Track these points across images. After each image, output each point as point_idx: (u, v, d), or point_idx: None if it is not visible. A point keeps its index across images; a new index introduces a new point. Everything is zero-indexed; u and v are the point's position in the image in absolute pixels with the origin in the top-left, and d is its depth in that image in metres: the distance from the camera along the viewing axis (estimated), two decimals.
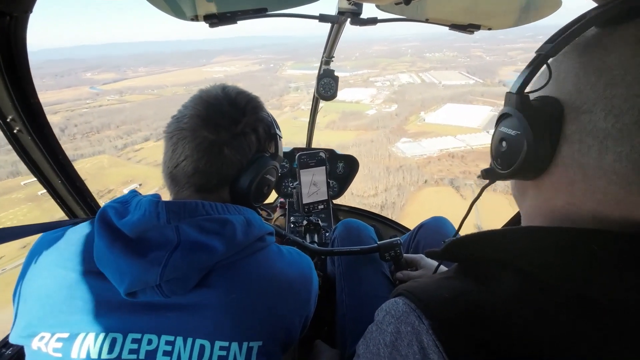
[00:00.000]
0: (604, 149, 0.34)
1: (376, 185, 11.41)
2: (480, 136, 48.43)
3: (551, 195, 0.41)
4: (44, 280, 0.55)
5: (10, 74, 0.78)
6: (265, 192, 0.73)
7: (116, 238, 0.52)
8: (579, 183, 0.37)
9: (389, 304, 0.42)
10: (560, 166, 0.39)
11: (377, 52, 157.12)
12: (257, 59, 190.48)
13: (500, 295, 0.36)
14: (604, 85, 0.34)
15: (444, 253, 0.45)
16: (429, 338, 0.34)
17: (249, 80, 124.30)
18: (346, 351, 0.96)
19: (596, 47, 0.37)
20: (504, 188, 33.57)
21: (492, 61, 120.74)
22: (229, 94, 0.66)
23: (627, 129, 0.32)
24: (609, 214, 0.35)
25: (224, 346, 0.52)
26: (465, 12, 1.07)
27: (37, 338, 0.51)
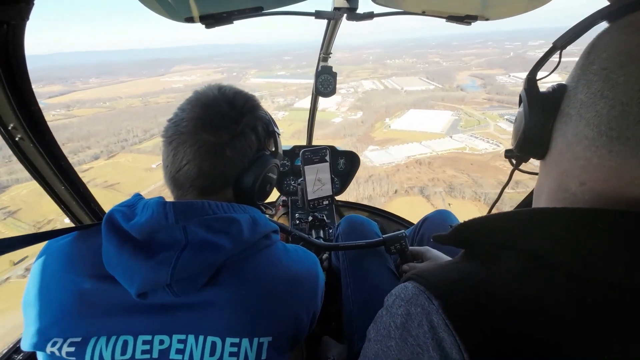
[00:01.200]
0: (579, 117, 0.39)
1: (347, 199, 11.27)
2: (444, 142, 48.22)
3: (551, 169, 0.45)
4: (54, 286, 0.55)
5: (9, 82, 0.78)
6: (268, 190, 0.74)
7: (125, 241, 0.52)
8: (566, 152, 0.41)
9: (399, 288, 0.43)
10: (554, 141, 0.44)
11: (340, 59, 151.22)
12: (219, 67, 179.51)
13: (506, 274, 0.37)
14: (588, 64, 0.39)
15: (452, 235, 0.46)
16: (439, 317, 0.35)
17: None
18: (354, 346, 0.97)
19: (597, 37, 0.40)
20: (472, 194, 33.13)
21: (449, 66, 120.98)
22: (226, 94, 0.66)
23: (594, 96, 0.37)
24: (593, 182, 0.38)
25: (235, 342, 0.53)
26: (462, 3, 1.06)
27: (50, 343, 0.52)
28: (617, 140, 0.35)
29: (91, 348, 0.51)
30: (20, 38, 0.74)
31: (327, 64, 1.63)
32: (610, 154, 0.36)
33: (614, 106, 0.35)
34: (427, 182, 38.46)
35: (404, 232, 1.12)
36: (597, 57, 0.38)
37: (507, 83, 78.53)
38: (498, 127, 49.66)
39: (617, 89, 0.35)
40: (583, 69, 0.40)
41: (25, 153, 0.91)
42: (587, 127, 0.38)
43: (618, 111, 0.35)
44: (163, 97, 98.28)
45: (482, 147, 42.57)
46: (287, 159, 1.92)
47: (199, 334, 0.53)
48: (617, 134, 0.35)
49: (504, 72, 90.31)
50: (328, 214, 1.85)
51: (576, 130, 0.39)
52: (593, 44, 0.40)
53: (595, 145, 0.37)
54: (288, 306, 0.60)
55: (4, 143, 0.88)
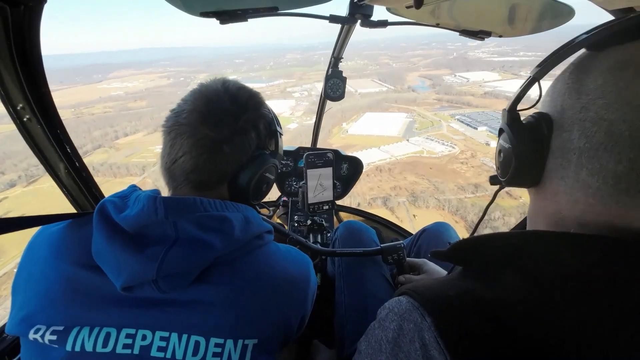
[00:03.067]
0: (579, 164, 0.38)
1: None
2: (402, 146, 47.21)
3: (545, 203, 0.44)
4: (43, 272, 0.55)
5: (22, 63, 0.79)
6: (264, 190, 0.72)
7: (114, 232, 0.52)
8: (563, 194, 0.41)
9: (392, 302, 0.43)
10: (548, 178, 0.43)
11: (292, 61, 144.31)
12: (165, 72, 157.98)
13: (502, 293, 0.37)
14: (580, 108, 0.38)
15: (451, 252, 0.46)
16: (431, 335, 0.35)
17: (155, 97, 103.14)
18: (344, 352, 0.96)
19: (580, 70, 0.40)
20: (436, 203, 32.31)
21: (399, 68, 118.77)
22: (230, 89, 0.65)
23: (596, 148, 0.36)
24: (595, 225, 0.38)
25: (219, 343, 0.52)
26: (476, 19, 1.06)
27: (33, 330, 0.51)
28: (626, 193, 0.35)
29: (73, 337, 0.50)
30: (36, 20, 0.75)
31: (338, 69, 1.64)
32: (617, 204, 0.35)
33: (620, 161, 0.34)
34: (389, 191, 37.22)
35: (402, 242, 1.12)
36: (592, 103, 0.36)
37: (454, 83, 77.47)
38: (450, 127, 48.74)
39: (622, 144, 0.34)
40: (575, 111, 0.38)
41: (31, 134, 0.91)
42: (590, 176, 0.37)
43: (626, 167, 0.34)
44: (99, 106, 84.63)
45: (439, 150, 41.81)
46: (291, 159, 1.92)
47: (183, 332, 0.52)
48: (626, 187, 0.34)
49: (449, 72, 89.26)
50: (327, 217, 1.84)
51: (577, 177, 0.38)
52: (580, 81, 0.39)
53: (600, 195, 0.36)
54: (277, 309, 0.59)
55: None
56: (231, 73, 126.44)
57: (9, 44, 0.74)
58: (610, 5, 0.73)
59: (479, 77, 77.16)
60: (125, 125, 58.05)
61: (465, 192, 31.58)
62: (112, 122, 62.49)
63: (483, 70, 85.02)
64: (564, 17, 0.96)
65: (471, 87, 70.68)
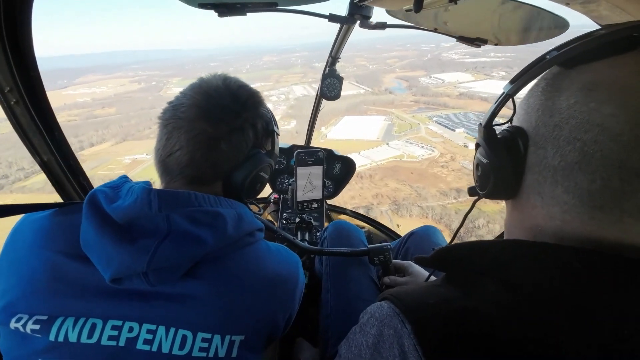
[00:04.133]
0: (554, 182, 0.38)
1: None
2: (382, 150, 46.38)
3: (522, 216, 0.45)
4: (27, 260, 0.54)
5: (12, 45, 0.77)
6: (257, 188, 0.73)
7: (105, 223, 0.51)
8: (540, 209, 0.41)
9: (374, 307, 0.43)
10: (525, 192, 0.43)
11: (268, 64, 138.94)
12: (136, 76, 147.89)
13: (482, 302, 0.37)
14: (553, 126, 0.38)
15: (433, 259, 0.46)
16: (410, 342, 0.35)
17: (125, 103, 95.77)
18: (327, 351, 0.97)
19: (553, 88, 0.40)
20: (419, 211, 31.82)
21: (376, 69, 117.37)
22: (230, 86, 0.65)
23: (570, 167, 0.36)
24: (571, 240, 0.38)
25: (206, 338, 0.52)
26: (473, 26, 1.07)
27: (14, 319, 0.50)
28: (600, 210, 0.35)
29: (57, 327, 0.49)
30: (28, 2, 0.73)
31: (334, 68, 1.64)
32: (592, 219, 0.36)
33: (594, 180, 0.35)
34: (371, 199, 36.43)
35: (389, 244, 1.13)
36: (565, 122, 0.37)
37: (430, 84, 77.07)
38: (429, 129, 48.19)
39: (595, 163, 0.34)
40: (548, 129, 0.39)
41: (18, 118, 0.89)
42: (565, 193, 0.37)
43: (599, 185, 0.34)
44: (64, 114, 77.62)
45: (419, 154, 41.35)
46: (284, 157, 1.91)
47: (170, 325, 0.51)
48: (600, 204, 0.35)
49: (425, 73, 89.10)
50: (317, 216, 1.84)
51: (553, 194, 0.39)
52: (553, 99, 0.39)
53: (576, 211, 0.37)
54: (265, 306, 0.59)
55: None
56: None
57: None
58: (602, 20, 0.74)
59: (453, 78, 77.15)
60: (91, 135, 53.23)
61: (448, 197, 31.26)
62: (77, 132, 56.92)
63: (457, 71, 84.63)
64: (558, 29, 0.98)
65: (446, 88, 70.20)
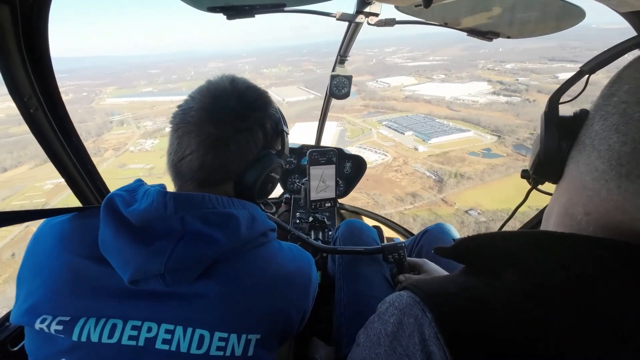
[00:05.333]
0: (592, 147, 0.39)
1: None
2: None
3: (560, 193, 0.45)
4: (49, 264, 0.55)
5: (30, 54, 0.80)
6: (269, 189, 0.73)
7: (122, 226, 0.52)
8: (575, 180, 0.41)
9: (393, 296, 0.43)
10: (567, 167, 0.44)
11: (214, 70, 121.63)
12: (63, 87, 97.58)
13: (503, 291, 0.37)
14: (609, 95, 0.38)
15: (454, 249, 0.45)
16: (431, 330, 0.35)
17: None
18: (341, 350, 0.97)
19: (625, 66, 0.39)
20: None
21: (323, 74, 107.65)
22: (238, 87, 0.65)
23: (608, 130, 0.37)
24: (598, 213, 0.38)
25: (223, 337, 0.53)
26: (485, 19, 1.05)
27: (39, 320, 0.52)
28: (627, 177, 0.34)
29: (79, 328, 0.51)
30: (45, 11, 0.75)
31: (344, 67, 1.63)
32: (618, 189, 0.35)
33: (626, 142, 0.34)
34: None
35: (403, 242, 1.12)
36: (619, 89, 0.37)
37: (377, 88, 74.67)
38: (380, 134, 46.65)
39: (631, 125, 0.34)
40: (604, 98, 0.39)
41: (38, 125, 0.92)
42: (598, 159, 0.37)
43: (630, 148, 0.34)
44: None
45: (373, 159, 40.09)
46: (294, 157, 1.92)
47: (188, 325, 0.52)
48: (627, 170, 0.34)
49: (371, 77, 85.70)
50: (329, 215, 1.84)
51: (588, 161, 0.39)
52: (620, 74, 0.39)
53: (605, 178, 0.36)
54: (279, 304, 0.60)
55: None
56: (145, 85, 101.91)
57: (17, 35, 0.75)
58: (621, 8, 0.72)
59: (398, 82, 75.85)
60: (4, 158, 43.61)
61: (404, 203, 30.19)
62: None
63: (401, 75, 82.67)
64: (574, 18, 0.95)
65: (393, 91, 69.01)
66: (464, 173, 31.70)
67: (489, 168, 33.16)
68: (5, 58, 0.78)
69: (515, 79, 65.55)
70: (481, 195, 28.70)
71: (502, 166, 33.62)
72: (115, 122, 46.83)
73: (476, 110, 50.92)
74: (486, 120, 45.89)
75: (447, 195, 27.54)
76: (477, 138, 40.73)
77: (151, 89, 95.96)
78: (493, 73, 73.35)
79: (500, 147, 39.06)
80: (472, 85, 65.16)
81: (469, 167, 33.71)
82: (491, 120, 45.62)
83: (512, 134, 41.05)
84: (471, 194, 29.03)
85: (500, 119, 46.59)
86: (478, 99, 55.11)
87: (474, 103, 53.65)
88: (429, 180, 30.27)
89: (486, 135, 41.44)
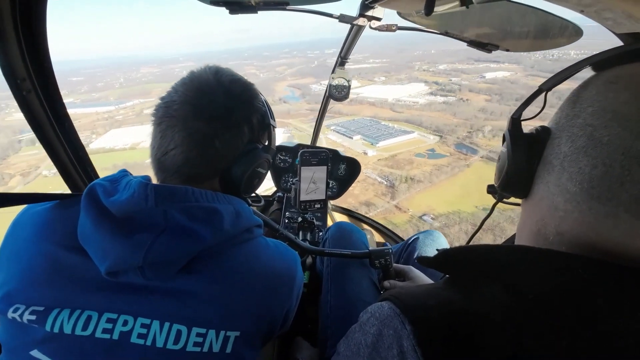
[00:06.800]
0: (562, 169, 0.39)
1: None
2: None
3: (531, 212, 0.45)
4: (26, 251, 0.54)
5: (27, 36, 0.78)
6: (255, 184, 0.72)
7: (102, 216, 0.51)
8: (545, 200, 0.41)
9: (375, 307, 0.43)
10: (536, 185, 0.44)
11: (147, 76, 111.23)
12: None
13: (483, 305, 0.37)
14: (572, 116, 0.39)
15: (437, 260, 0.46)
16: (409, 343, 0.35)
17: None
18: (326, 351, 0.97)
19: (582, 85, 0.41)
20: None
21: (267, 78, 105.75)
22: (222, 80, 0.63)
23: (577, 152, 0.37)
24: (570, 234, 0.38)
25: (201, 333, 0.52)
26: (485, 31, 1.07)
27: (12, 309, 0.50)
28: (598, 200, 0.35)
29: (52, 318, 0.49)
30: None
31: (344, 69, 1.64)
32: (590, 210, 0.36)
33: (596, 166, 0.35)
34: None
35: (390, 248, 1.12)
36: (583, 111, 0.38)
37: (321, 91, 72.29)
38: (329, 139, 45.77)
39: (600, 148, 0.35)
40: (568, 119, 0.40)
41: (30, 108, 0.91)
42: (569, 181, 0.38)
43: (600, 171, 0.35)
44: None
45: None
46: (289, 155, 1.92)
47: (165, 320, 0.51)
48: (597, 193, 0.35)
49: (315, 80, 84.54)
50: (320, 217, 1.84)
51: (558, 182, 0.39)
52: (579, 94, 0.40)
53: (577, 200, 0.37)
54: (261, 302, 0.59)
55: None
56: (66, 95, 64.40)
57: (15, 16, 0.74)
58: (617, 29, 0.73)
59: None
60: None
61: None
62: None
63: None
64: (572, 36, 0.96)
65: None
66: (413, 176, 31.90)
67: (435, 169, 33.64)
68: (1, 39, 0.76)
69: (449, 79, 67.29)
70: (432, 198, 28.91)
71: (448, 166, 34.23)
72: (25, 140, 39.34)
73: (417, 111, 51.80)
74: (427, 120, 46.77)
75: (400, 201, 27.50)
76: (421, 139, 41.17)
77: (72, 99, 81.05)
78: (428, 74, 74.84)
79: (443, 147, 39.66)
80: (411, 86, 66.58)
81: (417, 169, 33.99)
82: (432, 121, 46.51)
83: (452, 133, 41.87)
84: (423, 197, 29.17)
85: (439, 119, 47.52)
86: (418, 100, 56.32)
87: (415, 104, 54.78)
88: (382, 187, 30.20)
89: (429, 135, 42.03)
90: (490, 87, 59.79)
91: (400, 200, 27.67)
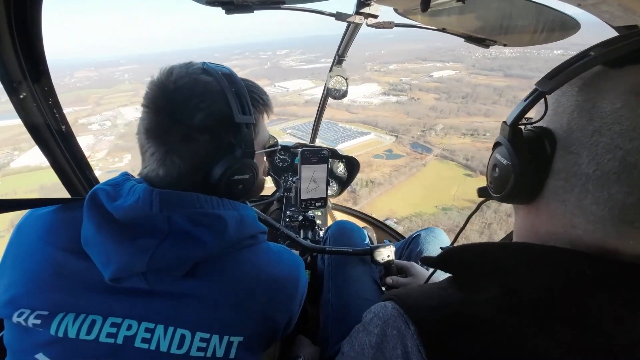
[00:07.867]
0: (584, 191, 0.36)
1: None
2: None
3: (536, 222, 0.43)
4: (31, 255, 0.54)
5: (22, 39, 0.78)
6: (240, 191, 0.64)
7: (105, 221, 0.51)
8: (560, 217, 0.39)
9: (378, 306, 0.43)
10: (545, 198, 0.41)
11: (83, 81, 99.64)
12: None
13: (485, 305, 0.37)
14: (592, 131, 0.35)
15: (440, 259, 0.46)
16: (413, 343, 0.35)
17: None
18: (327, 350, 0.97)
19: (593, 89, 0.37)
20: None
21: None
22: (167, 89, 0.56)
23: (606, 177, 0.34)
24: (587, 249, 0.36)
25: (205, 338, 0.52)
26: (483, 26, 1.06)
27: (17, 313, 0.51)
28: (631, 224, 0.34)
29: (57, 322, 0.50)
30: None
31: (342, 67, 1.63)
32: (617, 234, 0.35)
33: (632, 193, 0.33)
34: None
35: (391, 244, 1.12)
36: (607, 128, 0.34)
37: (276, 94, 71.03)
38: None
39: (637, 176, 0.32)
40: (585, 133, 0.36)
41: (27, 111, 0.90)
42: (594, 204, 0.35)
43: (636, 199, 0.33)
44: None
45: None
46: (288, 155, 1.92)
47: (169, 325, 0.51)
48: (631, 219, 0.33)
49: (269, 82, 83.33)
50: (320, 215, 1.84)
51: (580, 204, 0.36)
52: (594, 102, 0.36)
53: (603, 223, 0.35)
54: (264, 308, 0.59)
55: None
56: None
57: (9, 19, 0.74)
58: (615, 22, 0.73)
59: (296, 86, 75.06)
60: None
61: None
62: None
63: (298, 79, 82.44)
64: (569, 30, 0.96)
65: (292, 96, 67.29)
66: (374, 179, 31.75)
67: (394, 170, 33.63)
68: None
69: (399, 78, 67.66)
70: (394, 201, 28.82)
71: (406, 167, 34.36)
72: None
73: (373, 112, 52.07)
74: (383, 121, 46.86)
75: (363, 207, 27.13)
76: (378, 140, 41.22)
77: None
78: (380, 74, 75.28)
79: (399, 147, 39.87)
80: (365, 86, 66.79)
81: (377, 171, 33.89)
82: (387, 121, 46.67)
83: (407, 133, 42.15)
84: (384, 201, 29.04)
85: (394, 119, 47.74)
86: (372, 100, 56.75)
87: (370, 104, 55.14)
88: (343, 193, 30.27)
89: (385, 136, 42.13)
90: (438, 85, 60.65)
91: (362, 205, 27.53)
